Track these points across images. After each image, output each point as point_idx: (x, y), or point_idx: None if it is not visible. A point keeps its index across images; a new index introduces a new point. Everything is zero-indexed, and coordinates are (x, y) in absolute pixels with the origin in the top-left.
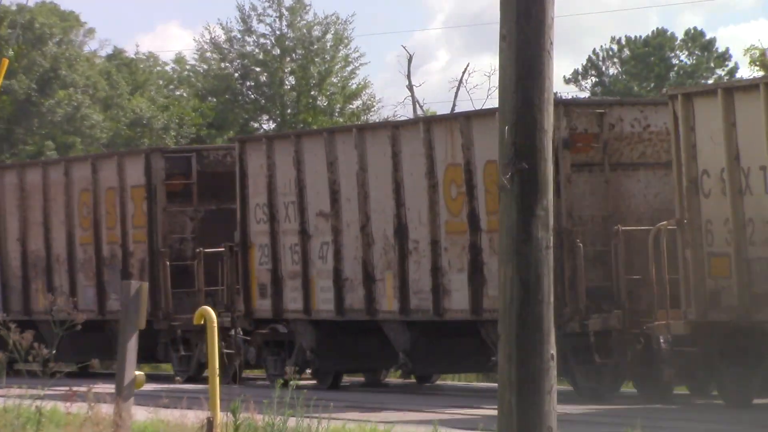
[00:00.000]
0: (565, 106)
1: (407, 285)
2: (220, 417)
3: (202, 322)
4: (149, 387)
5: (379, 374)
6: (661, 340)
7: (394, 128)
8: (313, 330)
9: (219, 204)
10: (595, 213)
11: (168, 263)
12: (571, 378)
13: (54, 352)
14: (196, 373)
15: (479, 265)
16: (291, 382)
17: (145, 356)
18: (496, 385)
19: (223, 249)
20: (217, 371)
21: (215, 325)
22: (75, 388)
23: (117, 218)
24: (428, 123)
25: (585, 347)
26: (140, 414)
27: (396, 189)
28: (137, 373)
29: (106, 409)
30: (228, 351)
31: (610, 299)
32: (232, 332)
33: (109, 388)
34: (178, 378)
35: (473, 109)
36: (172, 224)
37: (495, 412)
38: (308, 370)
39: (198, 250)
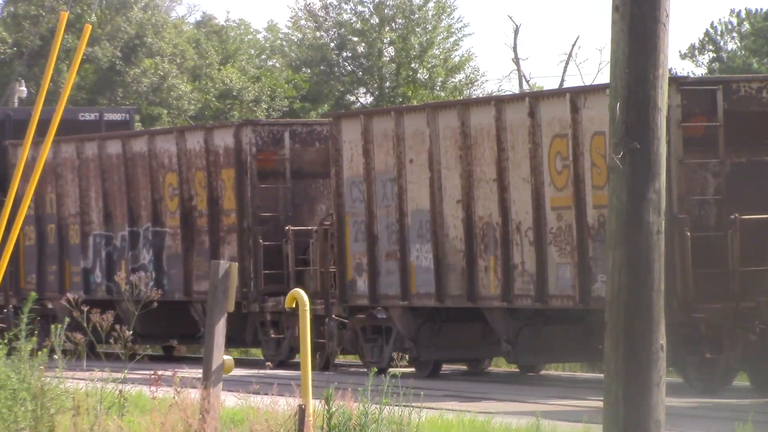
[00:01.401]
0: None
1: None
2: (313, 405)
3: (294, 306)
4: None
5: None
6: None
7: None
8: None
9: (751, 155)
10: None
11: (688, 234)
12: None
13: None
14: (721, 383)
15: None
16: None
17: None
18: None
19: None
20: (309, 356)
21: (307, 308)
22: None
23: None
24: None
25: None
26: (229, 400)
27: None
28: (225, 357)
29: (194, 395)
30: None
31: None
32: None
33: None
34: (267, 365)
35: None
36: (689, 183)
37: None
38: None
39: (733, 216)
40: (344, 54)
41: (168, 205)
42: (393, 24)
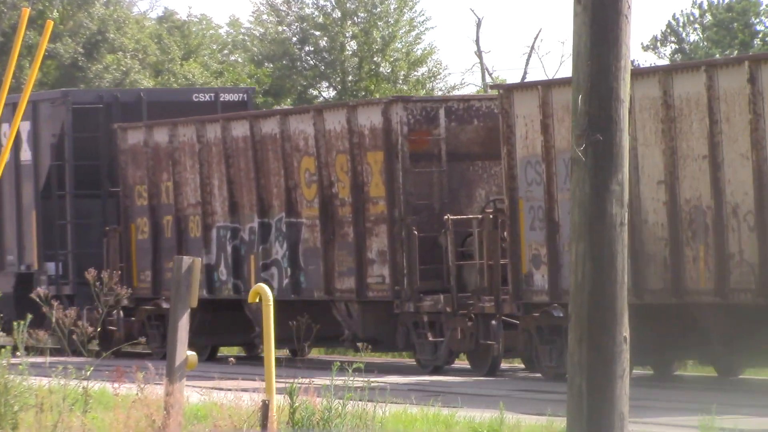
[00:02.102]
0: None
1: None
2: (277, 400)
3: (258, 300)
4: None
5: None
6: None
7: None
8: None
9: None
10: None
11: None
12: None
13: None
14: None
15: None
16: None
17: None
18: None
19: None
20: (273, 352)
21: (271, 303)
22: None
23: None
24: None
25: None
26: (193, 396)
27: None
28: (189, 353)
29: (159, 391)
30: None
31: None
32: None
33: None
34: (230, 360)
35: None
36: None
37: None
38: None
39: None
40: (306, 48)
41: (304, 193)
42: (355, 18)
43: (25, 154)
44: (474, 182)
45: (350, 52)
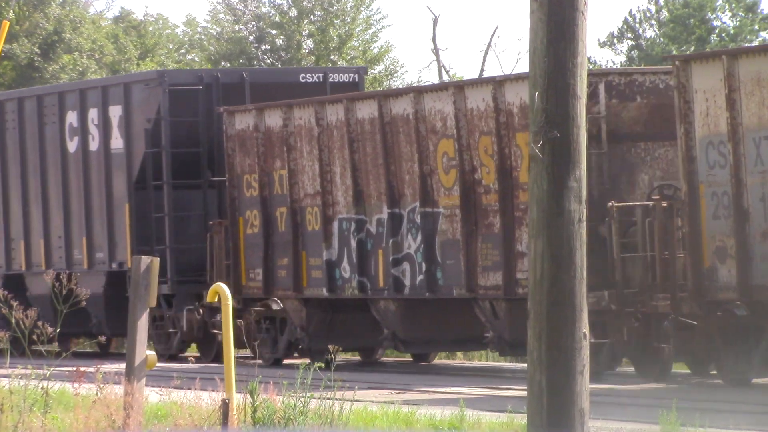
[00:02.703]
0: None
1: None
2: (237, 399)
3: (216, 300)
4: None
5: None
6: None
7: None
8: None
9: None
10: None
11: None
12: None
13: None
14: None
15: None
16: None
17: None
18: None
19: None
20: (232, 352)
21: (229, 302)
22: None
23: None
24: None
25: None
26: (153, 396)
27: None
28: (148, 353)
29: (118, 391)
30: None
31: None
32: None
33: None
34: (190, 358)
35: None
36: None
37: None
38: None
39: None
40: (263, 47)
41: (442, 180)
42: (312, 16)
43: (116, 142)
44: (635, 166)
45: (307, 51)
